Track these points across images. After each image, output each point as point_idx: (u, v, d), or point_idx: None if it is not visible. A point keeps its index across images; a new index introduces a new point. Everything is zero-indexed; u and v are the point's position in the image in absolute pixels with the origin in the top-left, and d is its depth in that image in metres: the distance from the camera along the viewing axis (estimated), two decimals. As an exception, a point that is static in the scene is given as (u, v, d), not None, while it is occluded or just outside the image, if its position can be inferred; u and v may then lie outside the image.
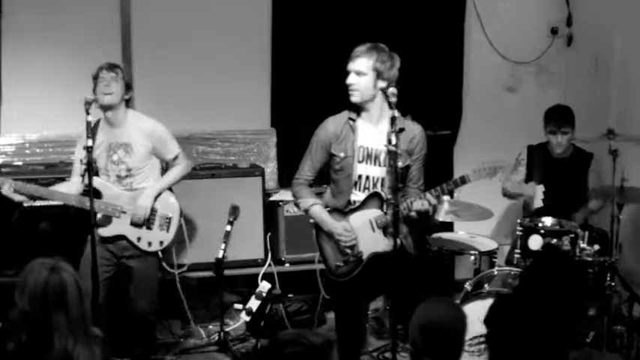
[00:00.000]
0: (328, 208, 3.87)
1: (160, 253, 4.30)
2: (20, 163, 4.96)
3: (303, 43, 5.54)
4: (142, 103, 5.30)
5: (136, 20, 5.27)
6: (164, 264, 4.81)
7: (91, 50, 5.18)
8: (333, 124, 3.84)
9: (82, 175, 4.15)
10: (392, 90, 3.61)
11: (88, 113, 3.78)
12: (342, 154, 3.79)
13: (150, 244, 4.21)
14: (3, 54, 5.04)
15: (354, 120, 3.79)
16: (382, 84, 3.69)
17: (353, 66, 3.71)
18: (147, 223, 4.19)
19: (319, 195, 3.98)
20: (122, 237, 4.18)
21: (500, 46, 5.93)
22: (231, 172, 5.20)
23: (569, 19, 6.00)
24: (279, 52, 5.53)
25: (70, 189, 4.16)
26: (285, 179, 5.59)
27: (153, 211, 4.19)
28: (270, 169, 5.54)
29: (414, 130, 3.82)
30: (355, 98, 3.72)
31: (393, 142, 3.54)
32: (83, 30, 5.18)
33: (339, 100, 4.83)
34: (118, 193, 4.16)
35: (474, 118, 5.99)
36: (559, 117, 4.90)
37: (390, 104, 3.59)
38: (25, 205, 4.58)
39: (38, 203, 4.62)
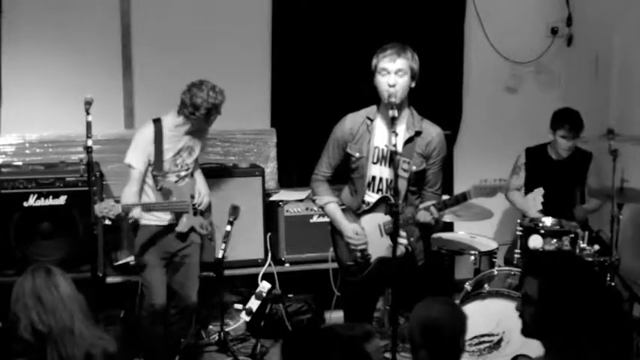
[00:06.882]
0: (343, 206, 3.84)
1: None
2: (20, 163, 4.96)
3: (303, 43, 5.53)
4: (142, 102, 5.32)
5: (136, 20, 5.27)
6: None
7: (91, 50, 5.20)
8: (350, 122, 3.76)
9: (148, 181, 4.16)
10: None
11: (88, 113, 3.77)
12: (357, 154, 3.73)
13: (206, 228, 4.37)
14: (3, 54, 5.03)
15: (371, 120, 3.71)
16: (413, 84, 3.64)
17: (394, 66, 3.56)
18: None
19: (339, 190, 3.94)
20: (192, 229, 4.27)
21: (500, 46, 5.92)
22: (231, 172, 5.20)
23: (569, 19, 6.00)
24: (279, 52, 5.53)
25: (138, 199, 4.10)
26: (286, 179, 5.60)
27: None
28: (270, 169, 5.53)
29: (431, 133, 3.71)
30: (396, 99, 3.55)
31: (393, 142, 3.53)
32: (83, 30, 5.18)
33: (339, 100, 4.83)
34: (184, 191, 4.25)
35: (474, 118, 5.99)
36: (575, 123, 4.85)
37: (392, 104, 3.55)
38: (25, 204, 4.60)
39: (38, 203, 4.62)
